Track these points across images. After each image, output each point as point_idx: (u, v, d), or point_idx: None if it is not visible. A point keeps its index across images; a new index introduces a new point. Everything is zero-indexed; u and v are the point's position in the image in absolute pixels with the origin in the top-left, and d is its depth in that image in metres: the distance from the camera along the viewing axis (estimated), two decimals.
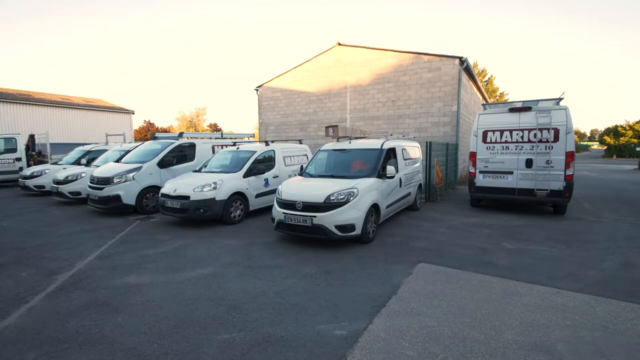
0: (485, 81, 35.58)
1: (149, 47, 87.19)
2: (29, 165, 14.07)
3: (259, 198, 7.71)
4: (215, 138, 10.56)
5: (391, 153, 6.76)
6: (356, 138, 7.48)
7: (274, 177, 8.10)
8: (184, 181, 7.14)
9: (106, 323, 3.13)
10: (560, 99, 7.60)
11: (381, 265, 4.55)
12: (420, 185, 8.50)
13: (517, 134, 7.56)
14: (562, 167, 7.14)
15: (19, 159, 14.10)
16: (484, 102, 16.14)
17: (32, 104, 22.60)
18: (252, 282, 4.03)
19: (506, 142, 7.69)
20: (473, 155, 8.09)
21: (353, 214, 5.16)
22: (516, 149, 7.59)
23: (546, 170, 7.27)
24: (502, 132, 7.73)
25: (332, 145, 7.13)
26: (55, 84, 73.51)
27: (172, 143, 8.79)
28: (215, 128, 50.74)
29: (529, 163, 7.45)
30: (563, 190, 7.14)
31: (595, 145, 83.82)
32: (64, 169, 10.62)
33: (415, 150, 8.38)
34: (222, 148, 9.40)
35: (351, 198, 5.20)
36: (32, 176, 11.26)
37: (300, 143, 9.97)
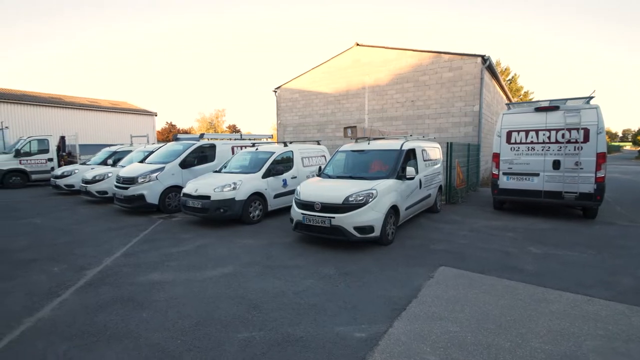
0: (509, 80, 34.49)
1: (169, 49, 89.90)
2: (59, 166, 14.78)
3: (278, 198, 7.77)
4: (235, 139, 10.76)
5: (411, 154, 6.66)
6: (375, 139, 7.42)
7: (292, 178, 8.15)
8: (204, 181, 7.30)
9: (132, 318, 3.23)
10: (591, 98, 7.26)
11: (401, 268, 4.48)
12: (440, 187, 8.33)
13: (544, 135, 7.28)
14: (593, 169, 6.80)
15: (50, 160, 14.84)
16: (508, 102, 15.64)
17: (63, 107, 23.75)
18: (271, 282, 4.06)
19: (532, 142, 7.41)
20: (496, 156, 7.85)
21: (372, 216, 5.11)
22: (542, 150, 7.30)
23: (575, 172, 6.96)
24: (527, 132, 7.46)
25: (350, 146, 7.10)
26: (81, 86, 77.04)
27: (194, 144, 9.01)
28: (234, 129, 51.63)
29: (556, 164, 7.15)
30: (594, 193, 6.81)
31: (627, 146, 79.50)
32: (91, 169, 11.08)
33: (435, 151, 8.22)
34: (241, 149, 9.56)
35: (370, 199, 5.15)
36: (62, 176, 11.82)
37: (318, 144, 9.98)
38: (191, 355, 2.65)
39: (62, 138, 16.49)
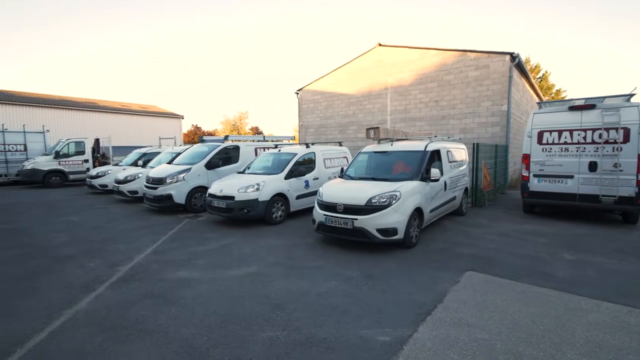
0: (539, 78, 33.01)
1: (193, 52, 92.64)
2: (94, 166, 15.60)
3: (300, 199, 7.83)
4: (258, 141, 10.95)
5: (435, 155, 6.52)
6: (398, 140, 7.32)
7: (314, 179, 8.19)
8: (229, 182, 7.47)
9: (161, 313, 3.35)
10: (632, 95, 6.82)
11: (425, 272, 4.39)
12: (466, 189, 8.10)
13: (579, 135, 6.91)
14: (634, 171, 6.38)
15: (86, 161, 15.72)
16: (539, 101, 14.97)
17: (98, 111, 25.10)
18: (294, 282, 4.09)
19: (565, 143, 7.05)
20: (526, 157, 7.53)
21: (395, 218, 5.04)
22: (577, 151, 6.93)
23: (614, 175, 6.55)
24: (560, 132, 7.11)
25: (372, 147, 7.04)
26: (111, 89, 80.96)
27: (218, 146, 9.25)
28: (256, 131, 52.52)
29: (592, 166, 6.76)
30: (634, 196, 6.38)
31: None
32: (123, 169, 11.63)
33: (461, 152, 8.00)
34: (264, 150, 9.71)
35: (393, 201, 5.09)
36: (97, 176, 12.47)
37: (340, 145, 9.97)
38: (217, 352, 2.71)
39: (97, 140, 17.41)
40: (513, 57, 11.72)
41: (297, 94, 18.15)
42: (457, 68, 12.92)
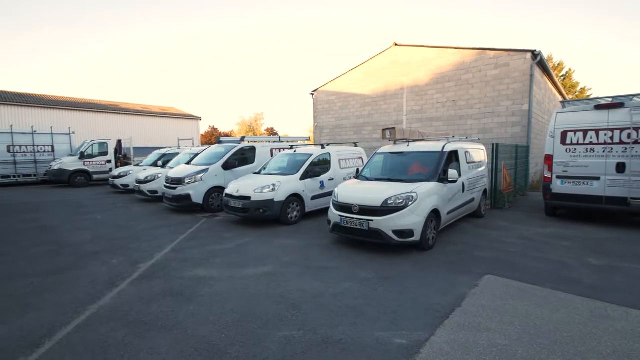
0: (562, 76, 31.87)
1: (209, 53, 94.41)
2: (116, 167, 16.15)
3: (315, 200, 7.85)
4: (273, 142, 11.04)
5: (453, 156, 6.40)
6: (414, 140, 7.23)
7: (329, 180, 8.19)
8: (245, 182, 7.57)
9: (180, 311, 3.44)
10: None
11: (442, 275, 4.31)
12: (485, 191, 7.91)
13: (605, 135, 6.62)
14: None
15: (109, 161, 16.29)
16: (563, 99, 14.46)
17: (120, 113, 25.96)
18: (309, 283, 4.11)
19: (591, 143, 6.78)
20: (549, 158, 7.28)
21: (412, 219, 4.98)
22: (604, 152, 6.65)
23: None
24: (585, 132, 6.84)
25: (388, 148, 6.98)
26: (132, 91, 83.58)
27: (235, 146, 9.40)
28: (272, 132, 53.00)
29: (620, 167, 6.47)
30: None
31: None
32: (144, 170, 11.99)
33: (479, 153, 7.82)
34: (279, 151, 9.79)
35: (410, 202, 5.03)
36: (119, 176, 12.91)
37: (356, 146, 9.93)
38: (235, 350, 2.75)
39: (119, 141, 18.02)
40: (534, 54, 11.37)
41: (313, 94, 18.20)
42: (475, 67, 12.65)
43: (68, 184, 15.07)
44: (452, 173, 5.68)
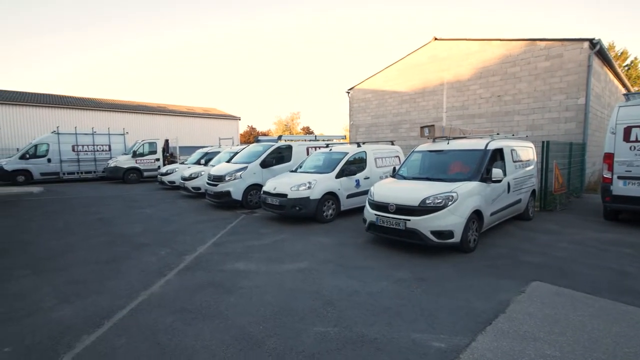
0: (626, 66, 28.76)
1: (246, 52, 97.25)
2: (164, 165, 17.28)
3: (350, 199, 7.83)
4: (309, 140, 11.17)
5: (497, 154, 6.06)
6: (455, 138, 6.94)
7: (365, 179, 8.13)
8: (282, 180, 7.75)
9: (222, 301, 3.62)
10: None
11: (485, 279, 4.11)
12: (533, 192, 7.39)
13: None
14: None
15: (158, 159, 17.48)
16: (626, 92, 13.07)
17: (167, 115, 27.72)
18: (344, 281, 4.12)
19: None
20: (609, 156, 6.63)
21: (451, 220, 4.80)
22: None
23: None
24: None
25: (427, 146, 6.77)
26: (175, 91, 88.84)
27: (272, 145, 9.64)
28: (307, 131, 53.57)
29: None
30: None
31: None
32: (188, 167, 12.71)
33: (527, 151, 7.32)
34: (315, 149, 9.88)
35: (449, 202, 4.84)
36: (166, 173, 13.80)
37: (392, 144, 9.75)
38: (272, 341, 2.85)
39: (166, 141, 19.25)
40: (593, 43, 10.39)
41: (348, 93, 18.12)
42: (524, 59, 11.83)
43: (122, 180, 16.40)
44: (496, 172, 5.38)
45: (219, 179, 9.09)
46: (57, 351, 2.77)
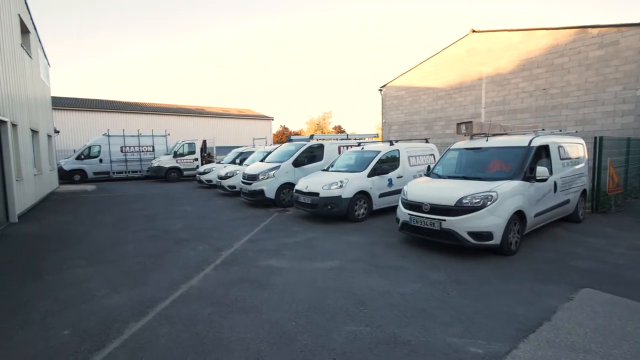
0: None
1: (275, 53, 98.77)
2: (202, 164, 18.10)
3: (383, 198, 7.72)
4: (341, 139, 11.15)
5: (542, 151, 5.67)
6: (494, 135, 6.59)
7: (397, 178, 7.97)
8: (314, 179, 7.81)
9: (256, 296, 3.73)
10: None
11: (528, 284, 3.87)
12: (584, 192, 6.83)
13: None
14: None
15: (196, 159, 18.35)
16: None
17: (204, 116, 28.99)
18: (376, 280, 4.08)
19: None
20: None
21: (490, 221, 4.57)
22: None
23: None
24: None
25: (464, 143, 6.49)
26: (211, 93, 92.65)
27: (304, 144, 9.75)
28: (339, 130, 53.49)
29: None
30: None
31: None
32: (224, 167, 13.21)
33: (577, 148, 6.78)
34: (346, 148, 9.85)
35: (488, 202, 4.61)
36: (204, 172, 14.45)
37: (427, 142, 9.46)
38: (304, 338, 2.89)
39: (204, 141, 20.14)
40: None
41: (381, 90, 17.83)
42: (573, 49, 10.94)
43: (164, 179, 17.42)
44: (540, 170, 5.04)
45: (253, 177, 9.36)
46: (109, 335, 3.01)
